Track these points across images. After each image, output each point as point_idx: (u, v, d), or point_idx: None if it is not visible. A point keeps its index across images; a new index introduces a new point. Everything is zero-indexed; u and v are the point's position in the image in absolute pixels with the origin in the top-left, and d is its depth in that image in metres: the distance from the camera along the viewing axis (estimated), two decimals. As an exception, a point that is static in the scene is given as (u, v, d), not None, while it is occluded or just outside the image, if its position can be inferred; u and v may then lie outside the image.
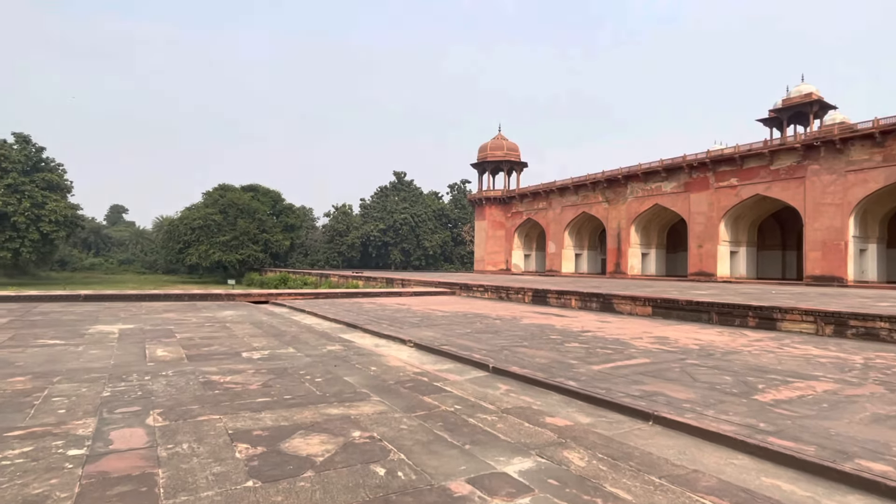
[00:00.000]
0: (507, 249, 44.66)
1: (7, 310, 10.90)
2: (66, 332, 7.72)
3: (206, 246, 52.04)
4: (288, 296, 15.98)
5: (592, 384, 4.85)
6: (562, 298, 13.99)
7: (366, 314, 11.31)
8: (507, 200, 44.55)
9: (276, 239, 56.66)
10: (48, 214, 41.21)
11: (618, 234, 34.37)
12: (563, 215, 38.73)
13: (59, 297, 13.42)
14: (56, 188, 43.91)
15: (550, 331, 8.87)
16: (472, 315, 11.37)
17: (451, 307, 13.44)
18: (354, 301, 15.09)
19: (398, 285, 22.67)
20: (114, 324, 8.93)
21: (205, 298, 14.97)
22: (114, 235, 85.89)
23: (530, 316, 11.40)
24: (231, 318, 10.15)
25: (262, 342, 7.20)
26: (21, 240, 40.22)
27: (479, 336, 8.03)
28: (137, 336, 7.54)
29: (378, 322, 9.85)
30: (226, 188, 58.81)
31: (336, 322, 10.23)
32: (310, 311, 11.99)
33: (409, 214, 63.92)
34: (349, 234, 64.91)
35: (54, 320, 9.24)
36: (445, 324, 9.67)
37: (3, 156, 40.48)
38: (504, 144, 45.01)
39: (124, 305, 12.52)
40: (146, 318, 10.05)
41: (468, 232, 64.65)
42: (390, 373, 5.32)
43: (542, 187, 40.07)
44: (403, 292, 17.91)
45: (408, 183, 70.34)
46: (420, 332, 8.43)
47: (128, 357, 5.86)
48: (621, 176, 33.61)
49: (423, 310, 12.56)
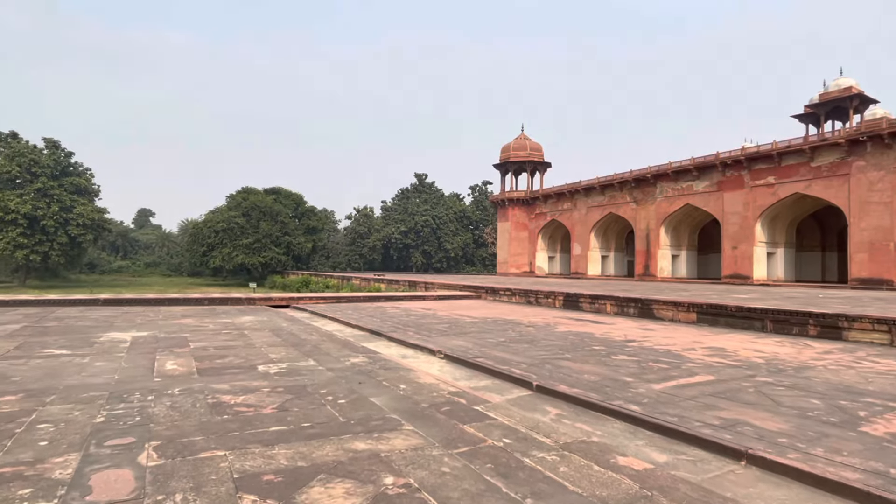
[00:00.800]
0: (530, 251, 43.77)
1: (24, 314, 10.63)
2: (77, 341, 7.30)
3: (229, 249, 52.33)
4: (309, 300, 15.52)
5: (658, 409, 4.15)
6: (596, 303, 13.21)
7: (390, 320, 10.73)
8: (530, 201, 43.68)
9: (299, 241, 56.73)
10: (76, 218, 41.80)
11: (646, 236, 33.24)
12: (589, 216, 37.70)
13: (79, 302, 13.18)
14: (84, 192, 44.59)
15: (591, 340, 8.16)
16: (503, 321, 10.70)
17: (479, 312, 12.78)
18: (378, 305, 14.55)
19: (422, 288, 22.09)
20: (127, 331, 8.51)
21: (225, 303, 14.59)
22: (141, 239, 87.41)
23: (565, 322, 10.67)
24: (249, 325, 9.67)
25: (281, 353, 6.65)
26: (50, 243, 40.86)
27: (514, 346, 7.37)
28: (149, 345, 7.07)
29: (403, 329, 9.25)
30: (249, 191, 59.17)
31: (359, 329, 9.66)
32: (331, 316, 11.47)
33: (431, 216, 63.43)
34: (370, 236, 64.73)
35: (68, 326, 8.87)
36: (476, 332, 9.02)
37: (34, 161, 41.23)
38: (527, 144, 44.17)
39: (142, 310, 12.18)
40: (162, 324, 9.64)
41: (490, 234, 63.89)
42: (422, 392, 4.69)
43: (567, 188, 39.10)
44: (427, 296, 17.31)
45: (429, 185, 69.89)
46: (450, 342, 7.80)
47: (134, 371, 5.35)
48: (650, 175, 32.50)
49: (449, 315, 11.93)
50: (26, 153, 41.44)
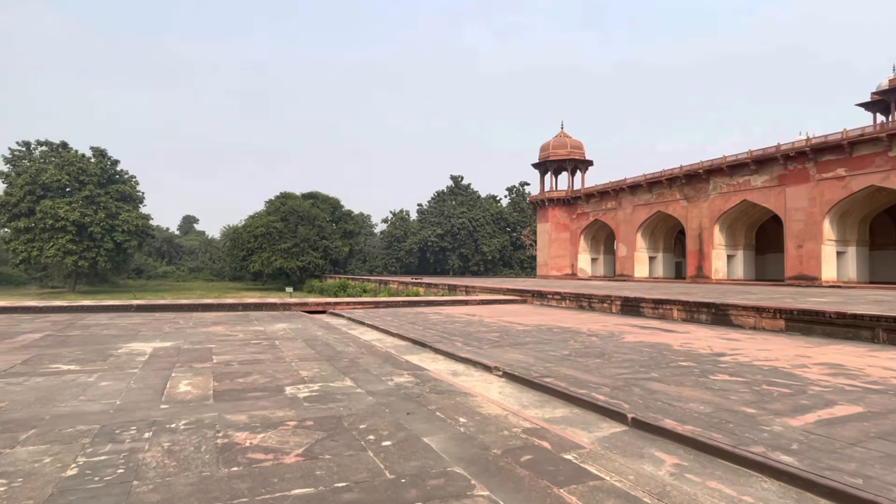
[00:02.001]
0: (572, 253, 42.10)
1: (52, 322, 10.16)
2: (93, 353, 6.59)
3: (268, 253, 52.66)
4: (346, 305, 14.73)
5: (821, 460, 2.99)
6: (660, 308, 11.88)
7: (433, 328, 9.74)
8: (571, 201, 42.03)
9: (336, 245, 56.67)
10: (121, 224, 42.72)
11: (699, 235, 31.21)
12: (635, 215, 35.84)
13: (111, 308, 12.75)
14: (129, 199, 45.62)
15: (672, 353, 6.94)
16: (560, 330, 9.55)
17: (529, 319, 11.65)
18: (418, 311, 13.60)
19: (462, 292, 21.08)
20: (151, 340, 7.81)
21: (259, 308, 13.95)
22: (185, 244, 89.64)
23: (631, 331, 9.44)
24: (282, 334, 8.86)
25: (314, 369, 5.74)
26: (97, 249, 41.86)
27: (583, 361, 6.24)
28: (169, 359, 6.29)
29: (450, 339, 8.24)
30: (287, 196, 59.57)
31: (401, 338, 8.71)
32: (370, 323, 10.58)
33: (467, 219, 62.39)
34: (407, 239, 64.20)
35: (91, 336, 8.25)
36: (532, 342, 7.92)
37: (82, 169, 42.41)
38: (567, 142, 42.59)
39: (174, 317, 11.60)
40: (190, 332, 8.94)
41: (528, 236, 62.38)
42: (488, 429, 3.65)
43: (611, 186, 37.34)
44: (470, 300, 16.27)
45: (465, 187, 68.91)
46: (505, 355, 6.74)
47: (140, 394, 4.52)
48: (702, 170, 30.50)
49: (497, 322, 10.86)
50: (75, 162, 42.69)
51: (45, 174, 41.15)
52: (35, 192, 40.97)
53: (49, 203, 40.23)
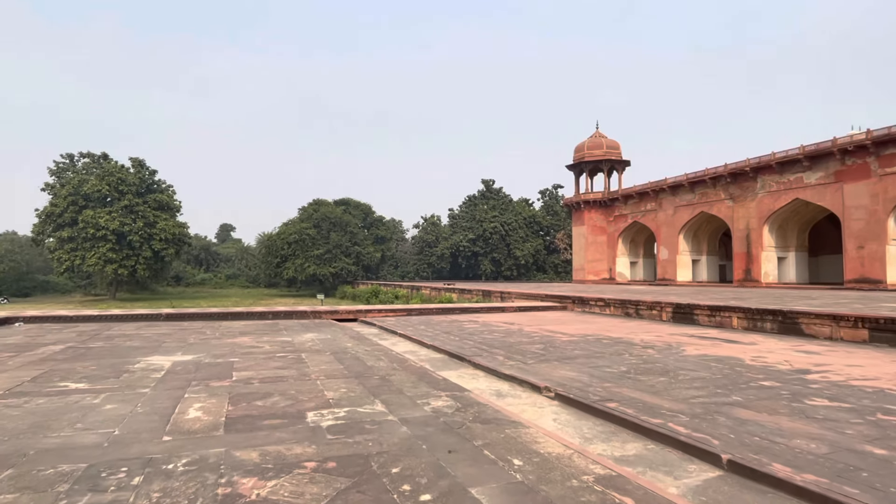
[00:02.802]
0: (609, 257, 40.67)
1: (78, 332, 9.92)
2: (108, 369, 6.16)
3: (301, 260, 52.96)
4: (378, 312, 14.18)
5: None
6: (717, 316, 10.86)
7: (470, 338, 9.04)
8: (608, 203, 40.64)
9: (368, 251, 56.63)
10: (159, 233, 43.59)
11: (746, 236, 29.51)
12: (677, 217, 34.26)
13: (141, 317, 12.53)
14: (166, 208, 46.58)
15: (745, 369, 6.06)
16: (609, 341, 8.71)
17: (573, 328, 10.82)
18: (452, 319, 12.92)
19: (497, 298, 20.29)
20: (172, 353, 7.37)
21: (289, 317, 13.53)
22: (222, 252, 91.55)
23: (690, 342, 8.52)
24: (310, 345, 8.32)
25: (341, 389, 5.12)
26: (136, 257, 42.79)
27: (646, 380, 5.43)
28: (186, 375, 5.79)
29: (490, 351, 7.53)
30: (319, 203, 59.95)
31: (436, 350, 8.05)
32: (402, 333, 9.96)
33: (499, 223, 61.42)
34: (438, 244, 63.71)
35: (112, 348, 7.88)
36: (582, 355, 7.13)
37: (121, 179, 43.51)
38: (603, 142, 41.28)
39: (201, 326, 11.25)
40: (215, 343, 8.50)
41: (562, 239, 61.01)
42: (551, 475, 2.93)
43: (651, 186, 35.85)
44: (506, 307, 15.50)
45: (496, 190, 67.99)
46: (554, 371, 5.99)
47: (144, 420, 3.98)
48: (749, 168, 28.84)
49: (538, 331, 10.07)
50: (115, 172, 43.82)
51: (87, 185, 42.38)
52: (77, 202, 42.22)
53: (90, 213, 41.38)
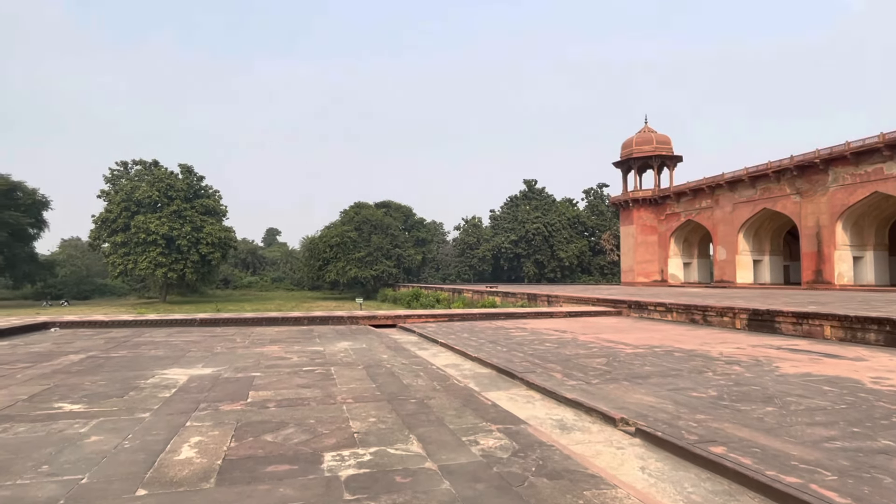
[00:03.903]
0: (661, 257, 38.55)
1: (108, 339, 9.51)
2: (117, 385, 5.53)
3: (343, 263, 53.08)
4: (417, 318, 13.36)
5: None
6: (805, 324, 9.43)
7: (519, 349, 8.04)
8: (659, 201, 38.56)
9: (408, 254, 56.24)
10: (205, 237, 44.51)
11: (816, 234, 27.11)
12: (736, 214, 31.99)
13: (175, 322, 12.15)
14: (213, 213, 47.56)
15: (872, 396, 4.82)
16: (682, 353, 7.52)
17: (634, 337, 9.64)
18: (498, 326, 11.93)
19: (544, 302, 19.13)
20: (192, 365, 6.72)
21: (325, 322, 12.89)
22: (267, 256, 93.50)
23: (781, 356, 7.23)
24: (341, 356, 7.53)
25: (370, 417, 4.25)
26: (184, 261, 43.82)
27: (748, 410, 4.31)
28: (198, 394, 5.06)
29: (543, 366, 6.51)
30: (361, 205, 60.06)
31: (481, 364, 7.10)
32: (443, 342, 9.06)
33: (542, 224, 59.84)
34: (479, 246, 62.69)
35: (132, 359, 7.33)
36: (655, 372, 6.03)
37: (170, 185, 44.73)
38: (653, 137, 39.25)
39: (233, 332, 10.70)
40: (241, 353, 7.84)
41: (608, 240, 58.85)
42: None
43: (706, 182, 33.66)
44: (555, 312, 14.37)
45: (539, 191, 66.41)
46: (627, 395, 4.93)
47: (126, 462, 3.20)
48: (819, 160, 26.47)
49: (596, 341, 8.96)
50: (164, 179, 45.10)
51: (139, 191, 43.73)
52: (130, 208, 43.61)
53: (142, 218, 42.64)
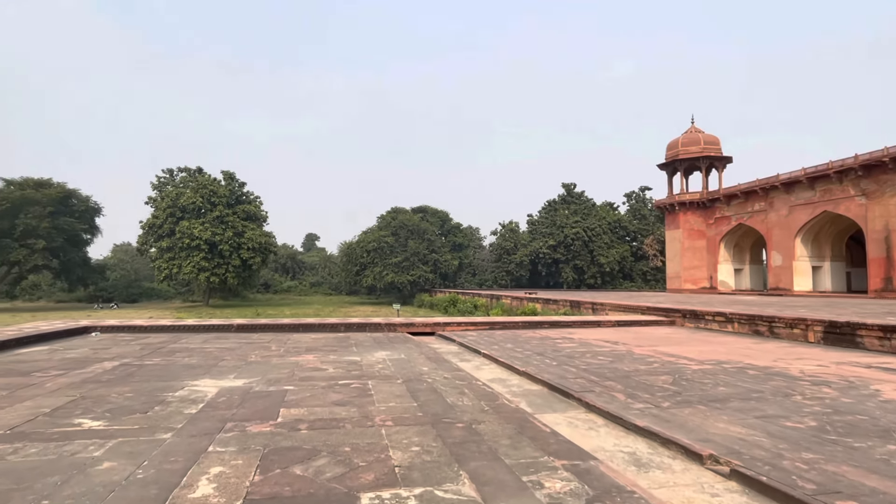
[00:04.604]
0: (709, 263, 36.76)
1: (144, 345, 9.36)
2: (143, 398, 5.20)
3: (379, 268, 53.14)
4: (457, 326, 12.81)
5: None
6: (894, 338, 8.38)
7: (570, 362, 7.37)
8: (707, 204, 36.81)
9: (445, 259, 55.83)
10: (246, 242, 45.33)
11: (885, 239, 25.13)
12: (793, 217, 30.11)
13: (213, 328, 12.00)
14: (254, 218, 48.46)
15: None
16: (757, 371, 6.70)
17: (695, 350, 8.80)
18: (543, 335, 11.25)
19: (588, 310, 18.26)
20: (224, 376, 6.37)
21: (362, 329, 12.49)
22: (306, 261, 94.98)
23: (876, 376, 6.32)
24: (379, 368, 7.05)
25: (412, 446, 3.72)
26: (226, 266, 44.72)
27: (866, 449, 3.55)
28: (226, 411, 4.66)
29: (602, 385, 5.84)
30: (397, 210, 60.12)
31: (530, 379, 6.48)
32: (486, 353, 8.47)
33: (581, 228, 58.34)
34: (517, 251, 61.65)
35: (164, 367, 7.05)
36: (732, 394, 5.28)
37: (213, 191, 45.82)
38: (700, 138, 37.57)
39: (270, 339, 10.41)
40: (276, 362, 7.47)
41: (651, 245, 56.86)
42: None
43: (759, 184, 31.86)
44: (602, 321, 13.55)
45: (578, 195, 64.85)
46: (707, 422, 4.23)
47: (137, 497, 2.77)
48: (888, 158, 24.54)
49: (653, 354, 8.18)
50: (208, 185, 46.26)
51: (183, 197, 44.95)
52: (175, 213, 44.87)
53: (186, 224, 43.78)
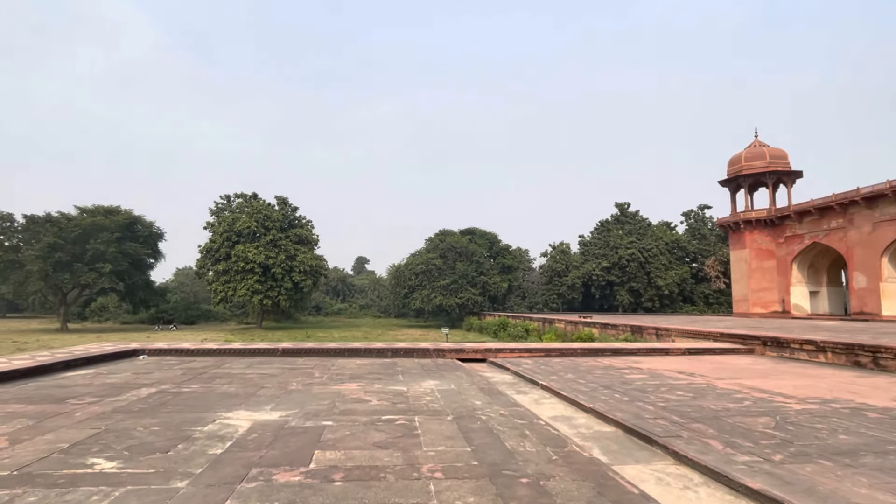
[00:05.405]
0: (781, 285, 34.08)
1: (186, 370, 9.08)
2: (169, 433, 4.73)
3: (428, 290, 52.78)
4: (510, 352, 11.96)
5: None
6: None
7: (644, 398, 6.43)
8: (776, 221, 34.33)
9: (494, 281, 54.86)
10: (298, 265, 46.15)
11: None
12: (878, 235, 27.47)
13: (258, 352, 11.69)
14: (305, 242, 49.41)
15: None
16: (880, 415, 5.56)
17: (788, 384, 7.62)
18: (606, 364, 10.25)
19: (651, 336, 16.94)
20: (261, 407, 5.86)
21: (410, 355, 11.87)
22: (356, 283, 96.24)
23: None
24: (427, 401, 6.37)
25: (467, 509, 3.00)
26: (278, 288, 45.60)
27: None
28: (254, 453, 4.10)
29: (688, 428, 4.91)
30: (445, 233, 59.89)
31: (601, 419, 5.61)
32: (545, 384, 7.63)
33: (637, 249, 56.06)
34: (568, 273, 59.87)
35: (200, 395, 6.64)
36: (861, 446, 4.25)
37: (267, 216, 47.15)
38: (765, 152, 35.34)
39: (314, 365, 9.95)
40: (318, 391, 6.93)
41: (713, 266, 53.84)
42: None
43: (836, 199, 29.39)
44: (671, 349, 12.36)
45: (632, 214, 62.65)
46: (842, 487, 3.28)
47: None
48: None
49: (740, 389, 7.09)
50: (262, 210, 47.67)
51: (239, 222, 46.44)
52: (231, 238, 46.35)
53: (241, 247, 45.07)
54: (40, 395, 6.60)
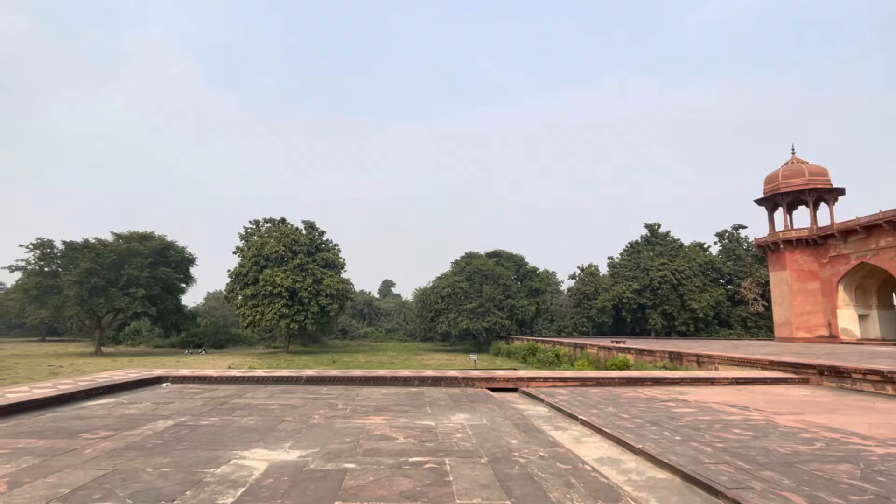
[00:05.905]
0: (826, 308, 32.32)
1: (207, 399, 8.76)
2: (178, 476, 4.34)
3: (454, 314, 52.09)
4: (543, 381, 11.34)
5: None
6: None
7: (698, 437, 5.77)
8: (819, 241, 32.77)
9: (521, 304, 53.84)
10: (325, 289, 46.17)
11: None
12: (930, 254, 25.88)
13: (281, 380, 11.35)
14: (332, 266, 49.54)
15: None
16: None
17: (861, 422, 6.83)
18: (648, 396, 9.53)
19: (692, 363, 16.01)
20: (279, 445, 5.45)
21: (437, 383, 11.36)
22: (383, 307, 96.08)
23: None
24: (458, 439, 5.85)
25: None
26: (305, 312, 45.61)
27: None
28: (272, 500, 3.66)
29: (757, 475, 4.26)
30: (472, 256, 59.36)
31: (655, 464, 5.00)
32: (585, 419, 7.02)
33: (669, 271, 54.41)
34: (598, 296, 58.41)
35: (217, 430, 6.27)
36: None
37: (294, 240, 47.55)
38: (804, 169, 34.01)
39: (337, 395, 9.53)
40: (340, 426, 6.49)
41: (750, 288, 51.82)
42: None
43: (885, 217, 27.83)
44: (717, 379, 11.52)
45: (663, 235, 61.08)
46: None
47: None
48: None
49: (807, 428, 6.35)
50: (290, 234, 48.13)
51: (267, 247, 46.93)
52: (259, 262, 46.82)
53: (269, 272, 45.44)
54: (55, 427, 6.33)
